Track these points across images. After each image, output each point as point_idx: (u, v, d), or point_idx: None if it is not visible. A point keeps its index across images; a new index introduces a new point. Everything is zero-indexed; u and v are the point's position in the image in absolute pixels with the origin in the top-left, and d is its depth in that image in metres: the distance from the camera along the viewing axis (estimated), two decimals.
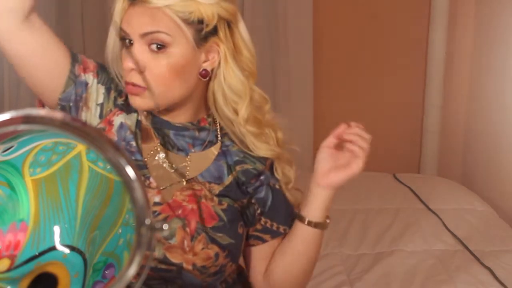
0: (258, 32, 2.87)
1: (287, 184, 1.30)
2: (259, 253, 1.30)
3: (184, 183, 1.22)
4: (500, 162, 2.66)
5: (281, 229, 1.29)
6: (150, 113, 1.23)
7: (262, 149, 1.24)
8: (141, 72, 1.11)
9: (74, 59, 1.18)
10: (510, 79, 2.59)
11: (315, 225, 1.22)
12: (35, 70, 1.14)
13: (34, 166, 0.86)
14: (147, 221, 0.74)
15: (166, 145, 1.23)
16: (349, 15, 2.98)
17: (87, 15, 2.86)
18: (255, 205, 1.27)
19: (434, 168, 3.04)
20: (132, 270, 0.76)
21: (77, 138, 0.74)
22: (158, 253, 1.15)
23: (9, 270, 0.81)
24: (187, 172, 1.22)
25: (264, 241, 1.29)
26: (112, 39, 1.18)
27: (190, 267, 1.18)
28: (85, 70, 1.19)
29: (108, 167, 0.87)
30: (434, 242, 2.18)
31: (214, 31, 1.14)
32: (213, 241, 1.19)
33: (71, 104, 1.18)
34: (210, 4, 1.11)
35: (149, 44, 1.11)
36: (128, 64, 1.12)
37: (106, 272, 0.86)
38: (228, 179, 1.25)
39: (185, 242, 1.18)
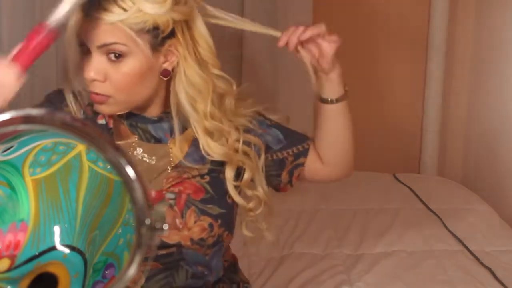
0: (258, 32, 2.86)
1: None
2: (309, 169, 1.36)
3: (169, 170, 1.25)
4: (500, 162, 2.66)
5: (306, 145, 1.37)
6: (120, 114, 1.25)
7: (215, 150, 1.24)
8: (102, 81, 1.15)
9: None
10: (510, 79, 2.59)
11: (342, 98, 1.36)
12: None
13: (34, 166, 0.86)
14: (147, 221, 0.75)
15: (144, 139, 1.26)
16: (349, 14, 2.97)
17: None
18: (273, 158, 1.33)
19: (434, 168, 3.03)
20: (132, 270, 0.77)
21: (77, 138, 0.74)
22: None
23: (9, 270, 0.81)
24: (171, 158, 1.26)
25: (303, 165, 1.35)
26: (72, 50, 1.18)
27: (188, 243, 1.23)
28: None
29: (108, 167, 0.87)
30: (434, 242, 2.18)
31: (171, 34, 1.17)
32: (204, 212, 1.24)
33: None
34: (163, 13, 1.13)
35: (107, 54, 1.14)
36: (90, 74, 1.14)
37: (106, 272, 0.87)
38: None
39: (177, 221, 1.22)
